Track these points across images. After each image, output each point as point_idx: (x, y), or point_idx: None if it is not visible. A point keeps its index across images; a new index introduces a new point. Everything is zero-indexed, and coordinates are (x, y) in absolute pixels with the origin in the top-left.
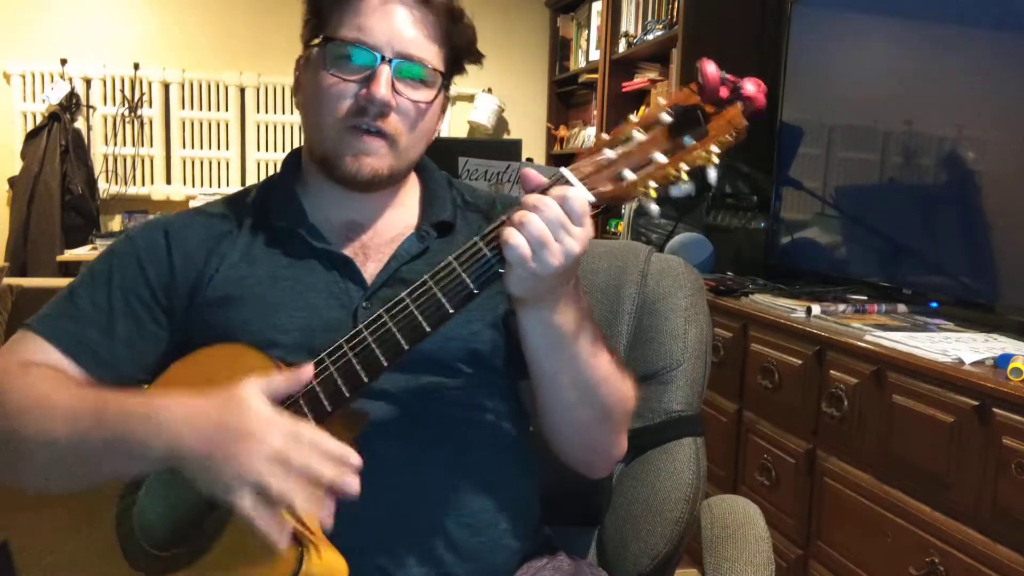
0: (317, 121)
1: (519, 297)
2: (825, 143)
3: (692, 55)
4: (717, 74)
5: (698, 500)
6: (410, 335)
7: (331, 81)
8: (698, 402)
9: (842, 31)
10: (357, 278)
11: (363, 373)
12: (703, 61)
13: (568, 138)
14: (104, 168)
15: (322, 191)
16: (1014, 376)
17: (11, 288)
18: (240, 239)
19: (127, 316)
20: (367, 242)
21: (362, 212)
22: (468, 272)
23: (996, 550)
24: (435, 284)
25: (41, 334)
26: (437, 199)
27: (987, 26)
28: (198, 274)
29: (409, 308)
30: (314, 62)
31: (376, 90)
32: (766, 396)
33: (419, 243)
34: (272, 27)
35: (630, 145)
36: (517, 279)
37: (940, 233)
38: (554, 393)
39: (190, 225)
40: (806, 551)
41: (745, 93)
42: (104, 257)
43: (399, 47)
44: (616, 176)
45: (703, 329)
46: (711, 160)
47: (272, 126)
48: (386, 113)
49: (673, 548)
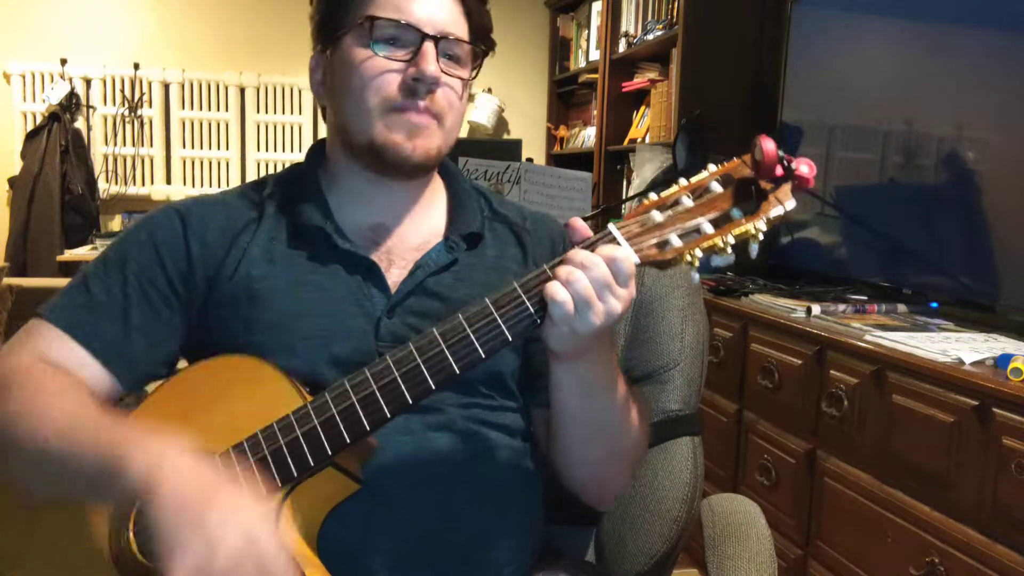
0: (360, 106)
1: (556, 355)
2: (825, 143)
3: (692, 55)
4: (776, 152)
5: (696, 499)
6: (438, 376)
7: (376, 62)
8: (696, 401)
9: (842, 31)
10: (381, 284)
11: (386, 408)
12: (762, 138)
13: (568, 138)
14: (104, 168)
15: (352, 187)
16: (1014, 376)
17: (11, 288)
18: (261, 233)
19: (143, 305)
20: (392, 247)
21: (390, 214)
22: (506, 321)
23: (996, 550)
24: (470, 327)
25: (56, 324)
26: (465, 208)
27: (987, 26)
28: (217, 266)
29: (440, 348)
30: (351, 46)
31: (425, 67)
32: (766, 396)
33: (447, 254)
34: (272, 27)
35: (678, 209)
36: (558, 335)
37: (940, 233)
38: (576, 436)
39: (209, 213)
40: (806, 551)
41: (799, 174)
42: (118, 243)
43: (439, 26)
44: (662, 241)
45: (700, 328)
46: (758, 236)
47: (272, 126)
48: (434, 91)
49: (671, 547)
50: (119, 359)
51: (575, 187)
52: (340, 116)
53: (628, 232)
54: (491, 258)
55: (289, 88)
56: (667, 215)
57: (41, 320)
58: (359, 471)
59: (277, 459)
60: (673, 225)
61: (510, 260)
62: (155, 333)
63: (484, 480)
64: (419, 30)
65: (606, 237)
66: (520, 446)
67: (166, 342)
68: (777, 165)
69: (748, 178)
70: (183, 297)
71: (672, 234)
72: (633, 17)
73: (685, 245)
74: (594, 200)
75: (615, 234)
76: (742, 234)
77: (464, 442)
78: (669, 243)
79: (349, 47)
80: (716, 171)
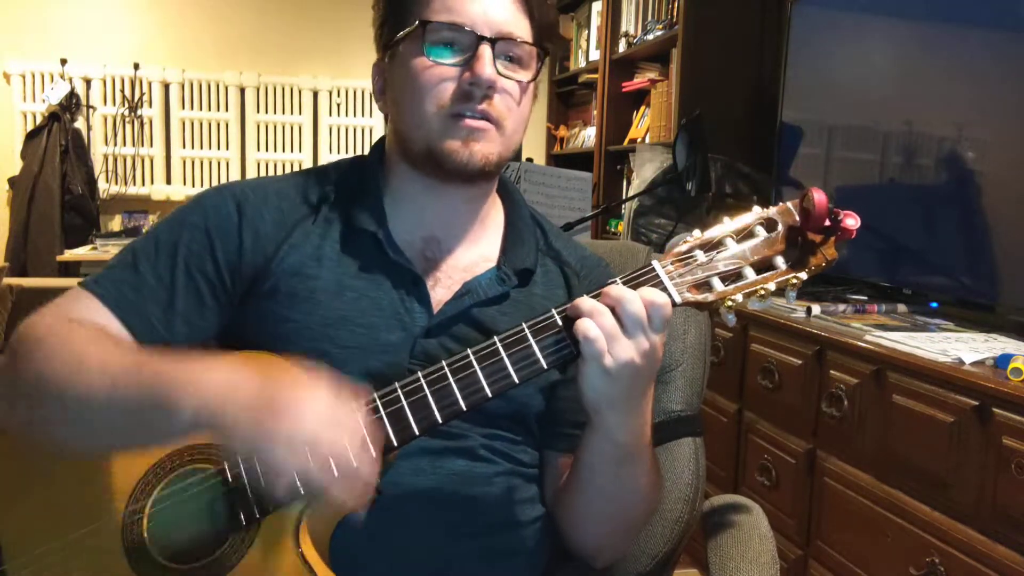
0: (417, 113)
1: (593, 406)
2: (825, 143)
3: (692, 55)
4: (827, 205)
5: (697, 500)
6: (470, 398)
7: (431, 67)
8: (697, 402)
9: (842, 31)
10: (424, 300)
11: (415, 425)
12: (813, 190)
13: (568, 138)
14: (104, 168)
15: (408, 196)
16: (1014, 376)
17: (11, 288)
18: (315, 230)
19: (188, 292)
20: (441, 264)
21: (444, 226)
22: (543, 349)
23: (996, 550)
24: (506, 352)
25: (101, 299)
26: (522, 239)
27: (987, 26)
28: (266, 260)
29: (473, 369)
30: (407, 53)
31: (481, 70)
32: (766, 396)
33: (498, 286)
34: (272, 27)
35: (723, 251)
36: (590, 375)
37: (940, 233)
38: (593, 499)
39: (265, 203)
40: (806, 551)
41: (844, 226)
42: (172, 224)
43: (496, 26)
44: (703, 282)
45: (702, 329)
46: (797, 285)
47: (272, 126)
48: (491, 95)
49: (672, 548)
50: (157, 342)
51: (575, 187)
52: (399, 124)
53: (671, 272)
54: (538, 297)
55: (289, 88)
56: (710, 256)
57: (84, 290)
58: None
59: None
60: (716, 268)
61: (555, 303)
62: (197, 321)
63: (496, 505)
64: (474, 32)
65: (649, 275)
66: (536, 476)
67: (206, 331)
68: (827, 217)
69: (794, 227)
70: (228, 288)
71: (715, 277)
72: (633, 17)
73: (727, 290)
74: (594, 200)
75: (659, 272)
76: (783, 283)
77: (480, 468)
78: (710, 286)
79: (405, 54)
80: (762, 215)
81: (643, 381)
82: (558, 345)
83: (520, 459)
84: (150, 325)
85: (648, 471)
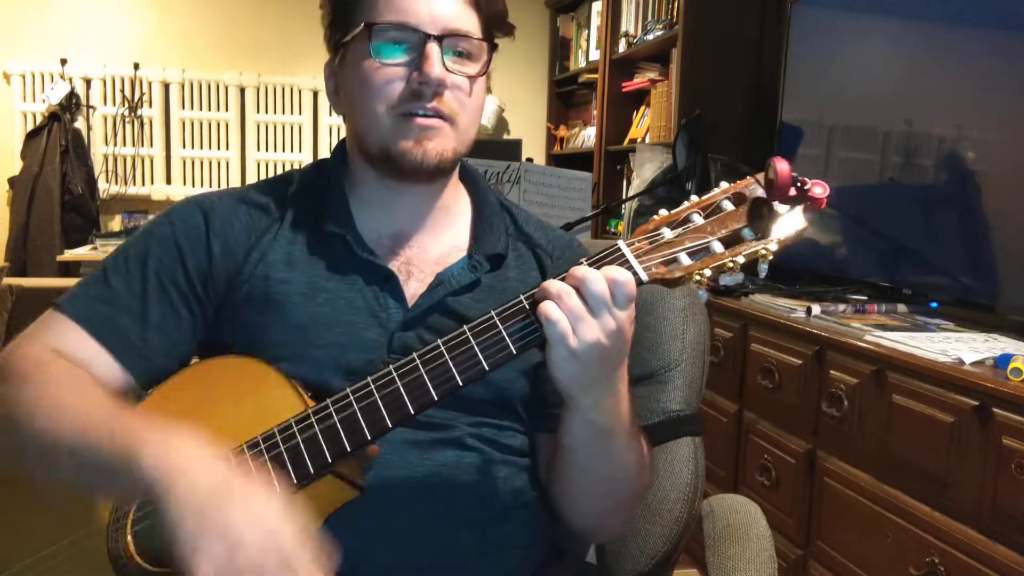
0: (369, 114)
1: (565, 390)
2: (825, 143)
3: (692, 55)
4: (790, 173)
5: (697, 500)
6: (441, 387)
7: (379, 69)
8: (697, 402)
9: (842, 31)
10: (398, 295)
11: (388, 418)
12: (775, 159)
13: (568, 138)
14: (104, 168)
15: (372, 195)
16: (1014, 376)
17: (11, 288)
18: (282, 236)
19: (161, 303)
20: (412, 258)
21: (410, 221)
22: (511, 334)
23: (996, 550)
24: (475, 339)
25: (74, 318)
26: (491, 226)
27: (987, 26)
28: (237, 267)
29: (444, 359)
30: (355, 54)
31: (430, 70)
32: (766, 396)
33: (470, 273)
34: (272, 27)
35: (688, 227)
36: (558, 359)
37: (940, 233)
38: (579, 479)
39: (233, 212)
40: (806, 551)
41: (812, 195)
42: (141, 238)
43: (443, 23)
44: (670, 258)
45: (701, 329)
46: (768, 257)
47: (272, 126)
48: (441, 92)
49: (672, 547)
50: (134, 356)
51: (575, 187)
52: (354, 125)
53: (637, 249)
54: (512, 281)
55: (289, 88)
56: (677, 232)
57: (57, 312)
58: (359, 478)
59: (277, 464)
60: (683, 243)
61: (530, 285)
62: (172, 331)
63: (487, 495)
64: (420, 30)
65: (615, 254)
66: (526, 464)
67: (183, 341)
68: (791, 186)
69: (760, 198)
70: (201, 297)
71: (682, 253)
72: (633, 17)
73: (694, 264)
74: (594, 200)
75: (624, 251)
76: (752, 254)
77: (469, 458)
78: (678, 261)
79: (354, 56)
80: (728, 188)
81: (612, 361)
82: (525, 330)
83: (509, 445)
84: (125, 339)
85: (631, 447)
